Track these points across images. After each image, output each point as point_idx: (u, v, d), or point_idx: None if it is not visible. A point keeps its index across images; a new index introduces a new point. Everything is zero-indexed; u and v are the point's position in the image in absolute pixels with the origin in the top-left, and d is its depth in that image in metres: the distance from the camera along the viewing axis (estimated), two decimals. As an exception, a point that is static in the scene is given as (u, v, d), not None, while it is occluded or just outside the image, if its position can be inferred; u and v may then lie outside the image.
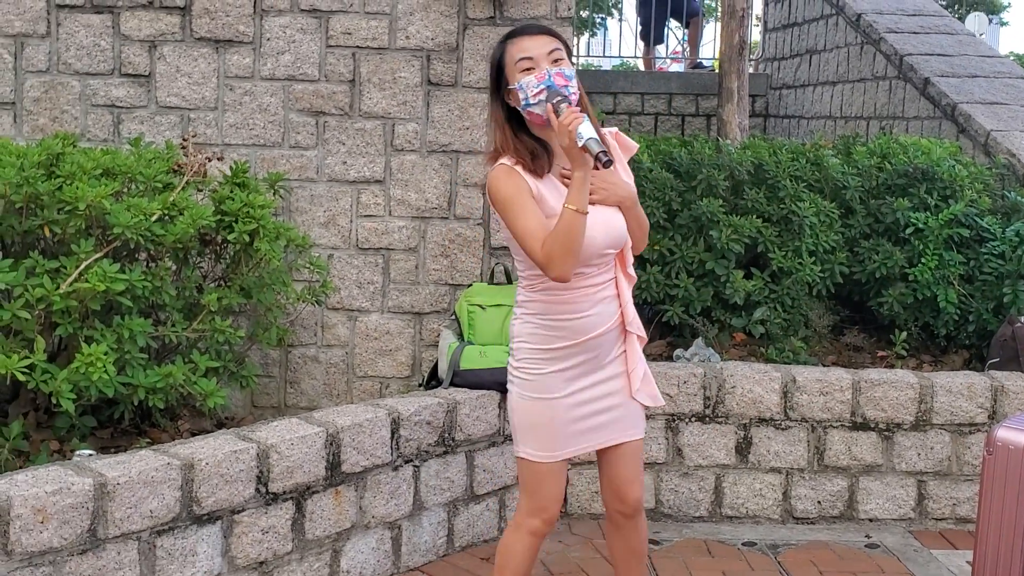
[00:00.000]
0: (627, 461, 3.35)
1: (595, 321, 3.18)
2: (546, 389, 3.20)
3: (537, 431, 3.22)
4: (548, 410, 3.20)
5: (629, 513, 3.38)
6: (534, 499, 3.27)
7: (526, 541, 3.28)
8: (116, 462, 3.41)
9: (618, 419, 3.30)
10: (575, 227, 2.97)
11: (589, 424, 3.26)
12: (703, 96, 9.65)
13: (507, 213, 3.08)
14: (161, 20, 4.85)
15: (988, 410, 4.86)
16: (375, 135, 4.97)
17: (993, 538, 3.12)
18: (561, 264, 3.00)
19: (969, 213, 5.46)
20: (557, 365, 3.19)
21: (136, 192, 4.08)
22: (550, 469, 3.24)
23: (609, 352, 3.26)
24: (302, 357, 5.04)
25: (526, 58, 3.06)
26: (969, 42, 7.85)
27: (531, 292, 3.20)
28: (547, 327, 3.18)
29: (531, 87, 3.04)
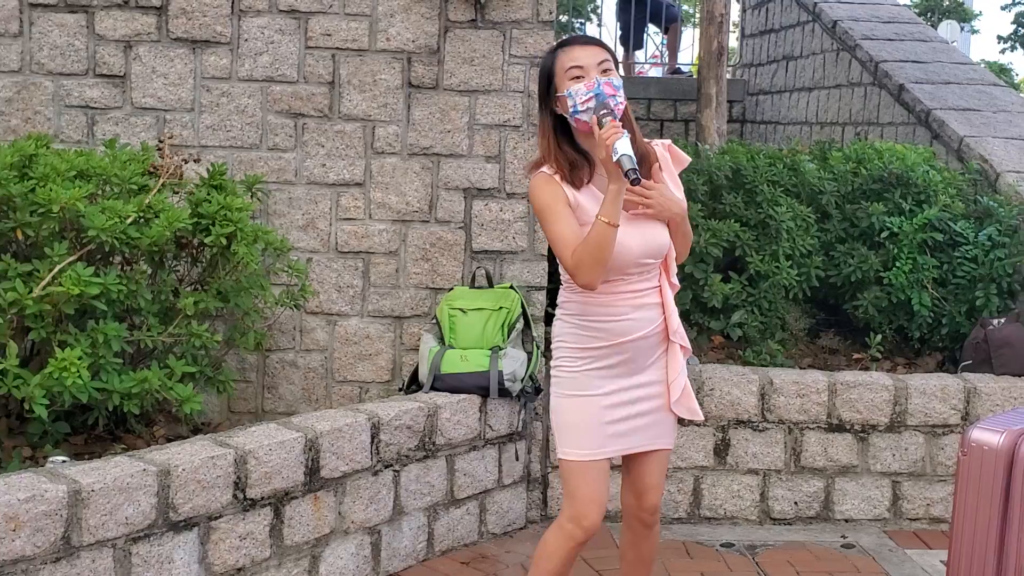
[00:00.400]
0: (653, 468, 3.39)
1: (632, 326, 3.24)
2: (583, 386, 3.26)
3: (577, 429, 3.27)
4: (587, 406, 3.26)
5: (647, 520, 3.43)
6: (574, 504, 3.28)
7: (564, 547, 3.30)
8: (90, 468, 3.37)
9: (652, 426, 3.34)
10: (605, 238, 3.04)
11: (626, 427, 3.30)
12: (682, 101, 9.67)
13: (543, 219, 3.19)
14: (137, 20, 4.82)
15: (961, 411, 4.89)
16: (355, 137, 4.96)
17: (968, 538, 3.14)
18: (588, 272, 3.09)
19: (943, 218, 5.51)
20: (593, 364, 3.25)
21: (111, 194, 4.03)
22: (589, 469, 3.26)
23: (648, 358, 3.30)
24: (280, 362, 5.02)
25: (576, 66, 3.14)
26: (943, 49, 7.90)
27: (570, 293, 3.29)
28: (584, 327, 3.26)
29: (580, 94, 3.10)
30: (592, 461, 3.26)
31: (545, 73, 3.22)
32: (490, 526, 4.67)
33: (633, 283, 3.24)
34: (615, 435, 3.28)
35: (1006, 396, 4.90)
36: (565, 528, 3.29)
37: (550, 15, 4.98)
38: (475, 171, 5.00)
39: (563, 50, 3.20)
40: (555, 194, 3.16)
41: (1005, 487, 3.04)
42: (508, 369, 4.54)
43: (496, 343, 4.62)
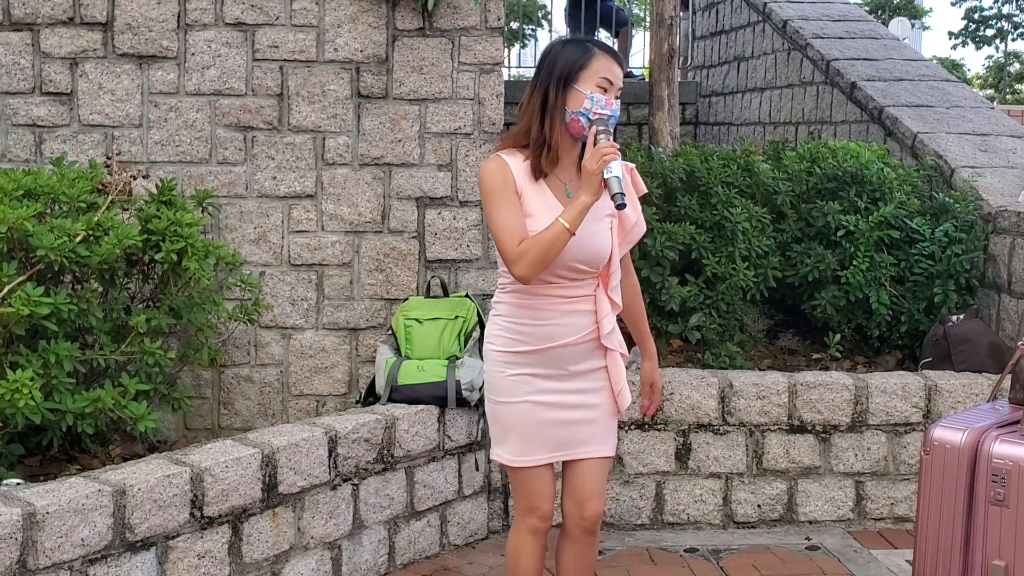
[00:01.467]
0: (593, 476, 3.36)
1: (558, 331, 3.23)
2: (508, 392, 3.27)
3: (507, 435, 3.29)
4: (513, 414, 3.26)
5: (588, 528, 3.40)
6: (522, 499, 3.34)
7: (528, 541, 3.34)
8: (45, 490, 3.32)
9: (590, 433, 3.33)
10: (558, 241, 3.06)
11: (561, 433, 3.29)
12: (634, 105, 9.68)
13: (488, 203, 3.18)
14: (82, 37, 4.75)
15: (923, 409, 4.91)
16: (305, 149, 4.91)
17: (932, 536, 3.14)
18: (528, 266, 3.09)
19: (898, 215, 5.53)
20: (517, 369, 3.25)
21: (59, 213, 3.98)
22: (530, 473, 3.29)
23: (577, 365, 3.28)
24: (235, 377, 4.95)
25: (608, 79, 3.17)
26: (894, 46, 7.95)
27: (502, 293, 3.31)
28: (510, 330, 3.27)
29: (599, 105, 3.14)
30: (529, 467, 3.28)
31: (572, 61, 3.18)
32: (452, 537, 4.63)
33: (564, 288, 3.23)
34: (551, 441, 3.28)
35: (967, 392, 4.92)
36: (521, 524, 3.34)
37: (498, 22, 4.95)
38: (427, 180, 4.96)
39: (603, 55, 3.20)
40: (506, 181, 3.16)
41: (968, 485, 3.05)
42: (465, 378, 4.51)
43: (453, 352, 4.59)
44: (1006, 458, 2.95)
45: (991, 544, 2.97)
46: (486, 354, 3.34)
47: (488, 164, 3.21)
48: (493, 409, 3.33)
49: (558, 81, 3.18)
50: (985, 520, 2.99)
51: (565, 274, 3.21)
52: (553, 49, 3.27)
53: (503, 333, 3.28)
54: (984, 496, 2.99)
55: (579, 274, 3.24)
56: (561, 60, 3.20)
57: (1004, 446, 2.97)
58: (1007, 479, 2.93)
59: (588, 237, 3.19)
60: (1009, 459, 2.94)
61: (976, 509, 3.01)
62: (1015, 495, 2.92)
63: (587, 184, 3.06)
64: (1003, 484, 2.94)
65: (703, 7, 10.48)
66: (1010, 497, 2.93)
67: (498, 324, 3.30)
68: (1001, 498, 2.95)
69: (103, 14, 4.75)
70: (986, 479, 2.98)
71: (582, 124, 3.15)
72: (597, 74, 3.17)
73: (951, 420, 3.15)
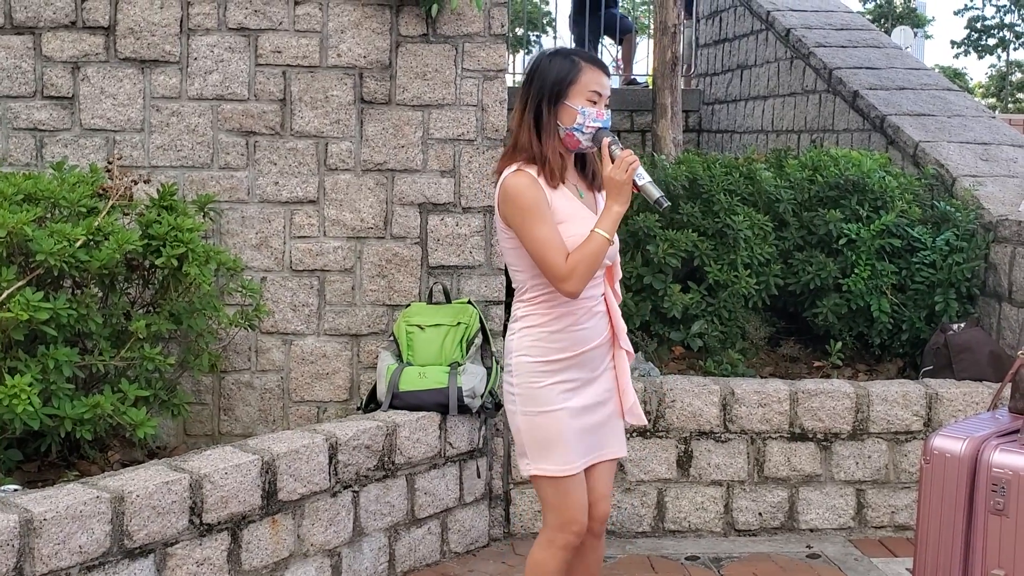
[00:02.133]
0: (605, 477, 3.42)
1: (590, 334, 3.29)
2: (547, 401, 3.26)
3: (549, 446, 3.26)
4: (555, 422, 3.26)
5: (596, 530, 3.43)
6: (560, 514, 3.29)
7: (559, 556, 3.31)
8: (43, 497, 3.31)
9: (610, 434, 3.39)
10: (602, 251, 3.15)
11: (592, 437, 3.32)
12: (638, 112, 9.69)
13: (527, 221, 3.15)
14: (84, 41, 4.75)
15: (923, 418, 4.90)
16: (308, 155, 4.91)
17: (932, 545, 3.13)
18: (580, 281, 3.14)
19: (900, 223, 5.53)
20: (554, 378, 3.26)
21: (60, 217, 3.97)
22: (571, 482, 3.27)
23: (600, 366, 3.34)
24: (236, 383, 4.95)
25: (597, 91, 3.22)
26: (896, 55, 7.95)
27: (532, 305, 3.28)
28: (548, 339, 3.26)
29: (590, 118, 3.19)
30: (572, 475, 3.27)
31: (561, 77, 3.21)
32: (452, 545, 4.62)
33: (591, 289, 3.28)
34: (586, 445, 3.31)
35: (967, 401, 4.91)
36: (556, 539, 3.29)
37: (502, 28, 4.95)
38: (430, 186, 4.96)
39: (590, 67, 3.23)
40: (539, 196, 3.17)
41: (968, 494, 3.04)
42: (467, 385, 4.50)
43: (455, 359, 4.58)
44: (1006, 467, 2.94)
45: (991, 553, 2.96)
46: (518, 366, 3.28)
47: (519, 179, 3.19)
48: (532, 420, 3.27)
49: (549, 98, 3.22)
50: (985, 529, 2.98)
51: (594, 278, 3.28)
52: (540, 64, 3.28)
53: (539, 343, 3.26)
54: (984, 505, 2.98)
55: (599, 277, 3.32)
56: (550, 76, 3.23)
57: (1004, 455, 2.97)
58: (1007, 489, 2.92)
59: None
60: (1009, 468, 2.93)
61: (976, 518, 3.01)
62: (1015, 504, 2.91)
63: (618, 194, 3.15)
64: (1003, 494, 2.93)
65: (707, 15, 10.48)
66: (1009, 506, 2.92)
67: (531, 335, 3.27)
68: (1001, 507, 2.94)
69: (105, 18, 4.75)
70: (986, 488, 2.97)
71: (577, 139, 3.21)
72: (586, 88, 3.21)
73: (951, 429, 3.14)
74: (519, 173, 3.20)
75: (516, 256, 3.27)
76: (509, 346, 3.33)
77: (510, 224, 3.21)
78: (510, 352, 3.32)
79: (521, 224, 3.17)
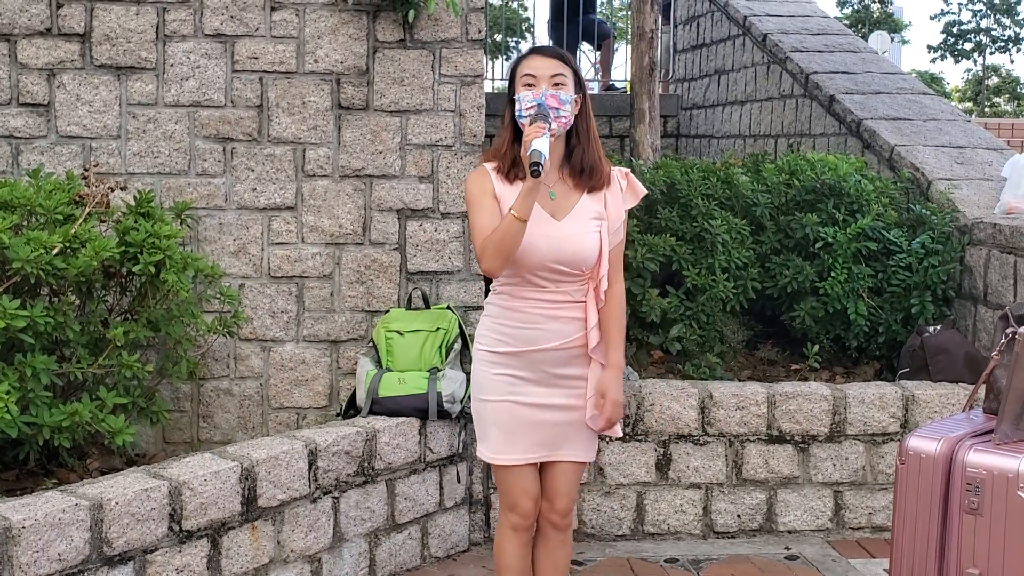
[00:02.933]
0: (566, 477, 3.47)
1: (541, 336, 3.32)
2: (488, 390, 3.37)
3: (488, 432, 3.39)
4: (494, 412, 3.36)
5: (558, 523, 3.49)
6: (504, 496, 3.44)
7: (509, 538, 3.44)
8: (21, 505, 3.30)
9: (568, 439, 3.41)
10: (511, 229, 3.16)
11: (539, 435, 3.37)
12: (616, 117, 9.72)
13: (469, 210, 3.33)
14: (60, 48, 4.74)
15: (900, 419, 4.93)
16: (285, 161, 4.91)
17: (908, 545, 3.15)
18: (489, 259, 3.20)
19: (876, 227, 5.56)
20: (500, 369, 3.34)
21: (36, 225, 3.96)
22: (510, 470, 3.38)
23: (560, 369, 3.36)
24: (215, 390, 4.94)
25: (530, 75, 3.30)
26: (872, 60, 8.00)
27: (492, 295, 3.40)
28: (495, 330, 3.37)
29: (526, 101, 3.27)
30: (512, 465, 3.37)
31: (510, 76, 3.40)
32: (433, 550, 4.62)
33: (548, 292, 3.32)
34: (531, 442, 3.36)
35: (944, 403, 4.94)
36: (504, 520, 3.45)
37: (479, 34, 4.97)
38: (408, 191, 4.97)
39: (526, 58, 3.37)
40: (483, 187, 3.31)
41: (943, 494, 3.06)
42: (447, 390, 4.51)
43: (434, 364, 4.59)
44: (980, 467, 2.96)
45: (966, 552, 2.98)
46: (475, 353, 3.45)
47: (470, 175, 3.39)
48: (477, 407, 3.43)
49: (508, 97, 3.38)
50: (960, 529, 3.00)
51: (547, 276, 3.30)
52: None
53: (489, 333, 3.38)
54: (959, 505, 3.00)
55: (562, 276, 3.31)
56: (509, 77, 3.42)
57: (978, 455, 2.99)
58: (981, 488, 2.94)
59: (569, 238, 3.28)
60: (983, 468, 2.96)
61: (951, 518, 3.02)
62: (989, 504, 2.93)
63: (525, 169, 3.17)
64: (977, 493, 2.95)
65: (684, 21, 10.53)
66: (984, 506, 2.94)
67: (485, 324, 3.41)
68: (975, 507, 2.96)
69: (81, 25, 4.74)
70: (961, 488, 2.99)
71: (523, 124, 3.26)
72: (522, 74, 3.32)
73: (926, 430, 3.16)
74: (475, 169, 3.42)
75: None
76: (476, 332, 3.48)
77: None
78: (475, 338, 3.48)
79: (469, 213, 3.34)
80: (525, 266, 3.27)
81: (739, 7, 8.88)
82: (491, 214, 3.26)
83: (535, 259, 3.26)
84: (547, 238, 3.25)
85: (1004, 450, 2.99)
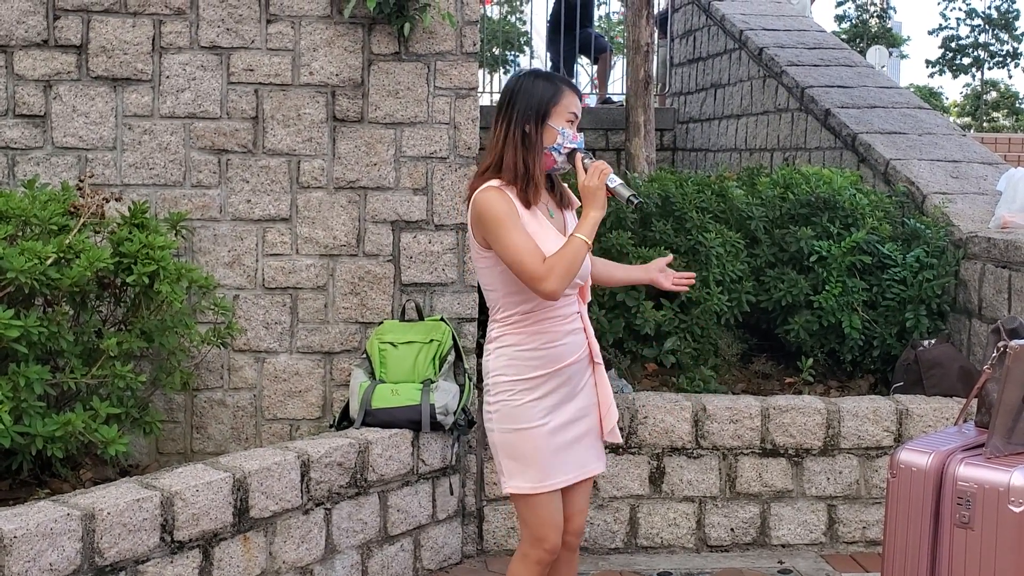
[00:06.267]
0: (583, 493, 3.49)
1: (566, 351, 3.35)
2: (524, 419, 3.32)
3: (523, 463, 3.33)
4: (529, 440, 3.31)
5: (571, 543, 3.50)
6: (533, 530, 3.37)
7: (534, 570, 3.39)
8: (13, 514, 3.30)
9: (588, 450, 3.44)
10: (581, 253, 3.23)
11: (570, 454, 3.37)
12: (612, 131, 9.75)
13: (498, 230, 3.22)
14: (56, 59, 4.75)
15: (894, 433, 4.93)
16: (280, 172, 4.91)
17: (899, 559, 3.15)
18: (558, 281, 3.19)
19: (871, 240, 5.57)
20: (532, 395, 3.31)
21: (31, 235, 3.96)
22: (542, 500, 3.34)
23: (580, 382, 3.39)
24: (208, 401, 4.94)
25: (574, 113, 3.37)
26: (868, 74, 8.03)
27: (506, 325, 3.34)
28: (521, 358, 3.32)
29: (568, 139, 3.33)
30: (546, 494, 3.33)
31: (545, 100, 3.33)
32: (425, 562, 4.61)
33: (564, 307, 3.35)
34: (564, 462, 3.35)
35: (938, 417, 4.94)
36: (530, 554, 3.37)
37: (474, 47, 4.98)
38: (403, 203, 4.97)
39: (569, 92, 3.37)
40: (511, 206, 3.25)
41: (934, 508, 3.06)
42: (440, 402, 4.51)
43: (428, 376, 4.59)
44: (971, 481, 2.97)
45: (956, 566, 2.98)
46: (495, 385, 3.36)
47: (489, 193, 3.27)
48: (509, 439, 3.34)
49: (536, 118, 3.31)
50: (951, 542, 3.00)
51: (569, 293, 3.35)
52: (522, 85, 3.37)
53: (514, 362, 3.32)
54: (949, 518, 3.00)
55: (572, 289, 3.38)
56: (535, 97, 3.33)
57: (969, 469, 2.99)
58: (972, 502, 2.95)
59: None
60: (974, 482, 2.96)
61: (942, 531, 3.02)
62: (980, 518, 2.93)
63: (594, 200, 3.26)
64: (968, 507, 2.95)
65: (681, 34, 10.56)
66: (975, 520, 2.94)
67: (507, 354, 3.34)
68: (966, 520, 2.96)
69: (77, 37, 4.76)
70: (951, 502, 2.99)
71: (554, 158, 3.33)
72: (567, 109, 3.34)
73: (917, 443, 3.16)
74: (488, 188, 3.28)
75: (490, 275, 3.33)
76: (486, 366, 3.39)
77: (486, 238, 3.27)
78: (487, 372, 3.38)
79: (496, 234, 3.23)
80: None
81: (735, 21, 8.91)
82: (528, 234, 3.24)
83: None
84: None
85: (995, 464, 2.99)
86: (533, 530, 3.35)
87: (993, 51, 42.90)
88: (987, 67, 42.97)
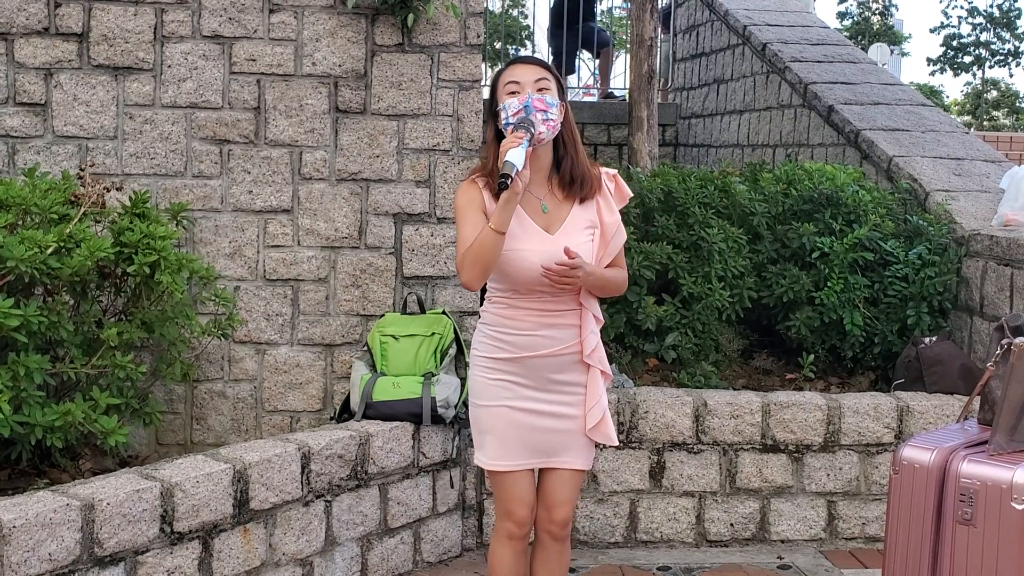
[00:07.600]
0: (564, 485, 3.46)
1: (539, 342, 3.33)
2: (487, 396, 3.38)
3: (485, 438, 3.40)
4: (491, 418, 3.37)
5: (557, 533, 3.49)
6: (500, 503, 3.45)
7: (504, 546, 3.44)
8: (12, 504, 3.29)
9: (567, 445, 3.42)
10: (488, 242, 3.15)
11: (539, 441, 3.38)
12: (615, 125, 9.73)
13: (457, 220, 3.32)
14: (57, 47, 4.74)
15: (895, 430, 4.92)
16: (282, 163, 4.90)
17: (900, 555, 3.15)
18: (466, 271, 3.20)
19: (873, 237, 5.56)
20: (497, 375, 3.36)
21: (31, 224, 3.95)
22: (508, 477, 3.38)
23: (557, 375, 3.37)
24: (208, 392, 4.93)
25: (513, 82, 3.28)
26: (871, 71, 8.01)
27: (488, 303, 3.41)
28: (492, 337, 3.37)
29: (512, 107, 3.24)
30: (508, 472, 3.37)
31: (491, 89, 3.39)
32: (425, 555, 4.61)
33: (545, 301, 3.33)
34: (528, 448, 3.37)
35: (938, 414, 4.93)
36: (500, 528, 3.44)
37: (478, 39, 4.97)
38: (405, 196, 4.96)
39: (507, 69, 3.36)
40: (471, 199, 3.30)
41: (936, 505, 3.06)
42: (441, 395, 4.50)
43: (429, 369, 4.58)
44: (974, 478, 2.96)
45: (958, 563, 2.98)
46: (472, 360, 3.45)
47: (460, 187, 3.38)
48: (475, 413, 3.44)
49: (488, 111, 3.39)
50: (953, 539, 2.99)
51: (543, 288, 3.29)
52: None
53: (486, 340, 3.39)
54: (952, 515, 3.00)
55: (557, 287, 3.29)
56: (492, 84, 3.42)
57: (972, 466, 2.98)
58: (975, 499, 2.94)
59: (554, 251, 3.26)
60: (977, 479, 2.95)
61: (944, 528, 3.02)
62: (982, 515, 2.92)
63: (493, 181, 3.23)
64: (971, 504, 2.95)
65: (684, 29, 10.54)
66: (977, 517, 2.93)
67: (482, 332, 3.42)
68: (968, 517, 2.95)
69: (79, 25, 4.74)
70: (954, 499, 2.99)
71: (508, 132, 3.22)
72: (503, 84, 3.31)
73: (920, 440, 3.16)
74: (463, 182, 3.38)
75: None
76: (473, 340, 3.49)
77: None
78: (472, 346, 3.48)
79: (457, 224, 3.33)
80: (521, 281, 3.28)
81: (739, 16, 8.89)
82: (475, 226, 3.23)
83: (531, 275, 3.26)
84: (541, 254, 3.24)
85: (998, 461, 2.98)
86: (500, 503, 3.44)
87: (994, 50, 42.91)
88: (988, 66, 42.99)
